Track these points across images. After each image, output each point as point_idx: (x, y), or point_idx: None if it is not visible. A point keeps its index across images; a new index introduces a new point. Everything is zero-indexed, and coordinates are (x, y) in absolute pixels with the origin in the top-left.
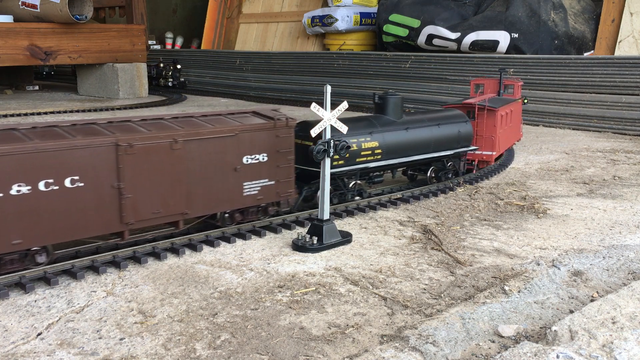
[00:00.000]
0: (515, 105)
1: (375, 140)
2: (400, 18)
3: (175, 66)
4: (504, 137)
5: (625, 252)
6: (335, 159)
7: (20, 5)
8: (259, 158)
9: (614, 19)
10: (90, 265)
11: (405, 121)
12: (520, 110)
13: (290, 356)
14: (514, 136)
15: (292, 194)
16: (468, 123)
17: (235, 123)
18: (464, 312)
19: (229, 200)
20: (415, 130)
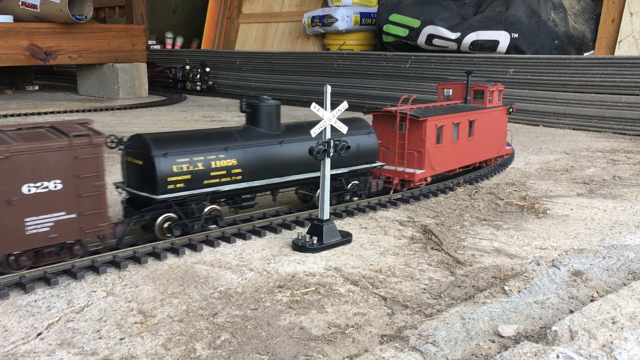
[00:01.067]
0: (487, 114)
1: (232, 157)
2: (400, 18)
3: (204, 68)
4: (449, 153)
5: (625, 252)
6: (178, 181)
7: (20, 5)
8: (49, 186)
9: (614, 19)
10: (90, 265)
11: (282, 134)
12: (504, 120)
13: (290, 356)
14: (487, 151)
15: (104, 229)
16: (372, 135)
17: (9, 142)
18: (464, 312)
19: (4, 241)
20: (294, 144)
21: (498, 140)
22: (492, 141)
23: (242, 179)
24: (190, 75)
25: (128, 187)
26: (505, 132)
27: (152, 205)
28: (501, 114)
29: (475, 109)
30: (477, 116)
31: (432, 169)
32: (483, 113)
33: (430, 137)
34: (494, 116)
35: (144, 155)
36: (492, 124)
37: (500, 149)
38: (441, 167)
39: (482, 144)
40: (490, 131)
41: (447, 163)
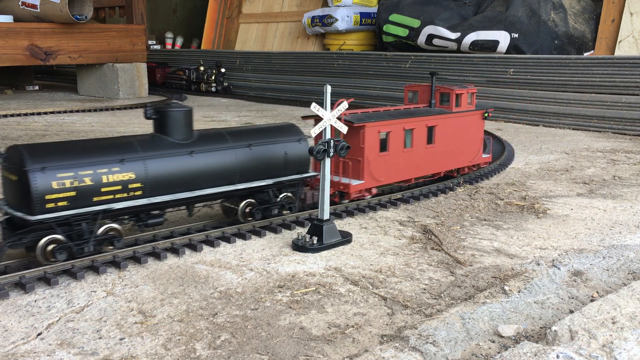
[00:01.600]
0: (453, 119)
1: (129, 170)
2: (400, 18)
3: (219, 69)
4: (400, 163)
5: (625, 252)
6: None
7: (20, 5)
8: None
9: (614, 19)
10: (90, 265)
11: (194, 143)
12: (478, 126)
13: (290, 356)
14: (455, 160)
15: None
16: (303, 142)
17: None
18: (464, 312)
19: None
20: (206, 155)
21: (470, 147)
22: (461, 149)
23: (142, 194)
24: (205, 76)
25: (6, 205)
26: (480, 139)
27: (29, 227)
28: (474, 119)
29: (438, 114)
30: (440, 121)
31: (374, 179)
32: (448, 118)
33: (371, 144)
34: (464, 121)
35: (18, 170)
36: (460, 130)
37: (473, 157)
38: (387, 177)
39: (447, 152)
40: (458, 138)
41: (397, 173)
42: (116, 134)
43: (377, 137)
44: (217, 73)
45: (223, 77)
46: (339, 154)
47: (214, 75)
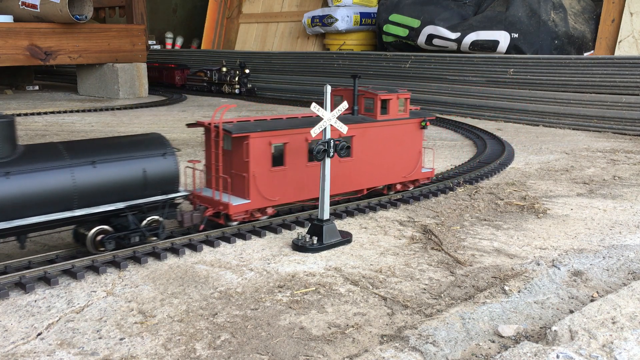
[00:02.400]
0: (379, 129)
1: None
2: (400, 18)
3: (244, 70)
4: (302, 179)
5: (625, 252)
6: None
7: (20, 5)
8: None
9: (614, 19)
10: (90, 265)
11: (14, 161)
12: (414, 137)
13: (290, 356)
14: (382, 176)
15: None
16: (168, 157)
17: None
18: (464, 312)
19: None
20: (28, 176)
21: (404, 161)
22: (391, 163)
23: None
24: (227, 78)
25: None
26: (418, 152)
27: None
28: (408, 129)
29: (358, 122)
30: (359, 131)
31: (263, 198)
32: (370, 127)
33: (259, 157)
34: (394, 131)
35: None
36: (389, 141)
37: (408, 172)
38: (285, 196)
39: (370, 167)
40: (386, 150)
41: (298, 191)
42: (116, 134)
43: (268, 149)
44: (241, 74)
45: (247, 78)
46: (339, 154)
47: (237, 76)
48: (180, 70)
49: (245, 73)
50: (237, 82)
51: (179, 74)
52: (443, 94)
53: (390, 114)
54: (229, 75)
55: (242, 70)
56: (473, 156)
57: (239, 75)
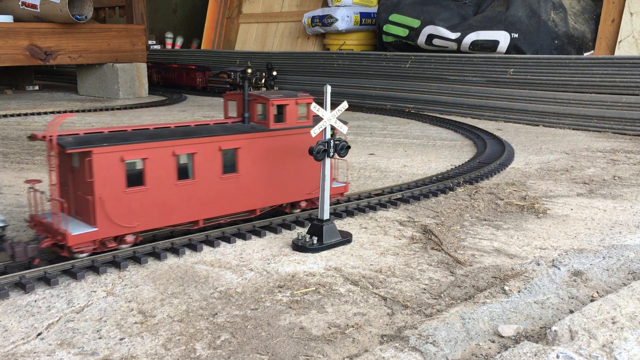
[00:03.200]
0: (272, 139)
1: None
2: (400, 18)
3: (271, 73)
4: (171, 201)
5: (625, 252)
6: None
7: (20, 5)
8: None
9: (614, 19)
10: (90, 265)
11: None
12: None
13: (290, 356)
14: (278, 194)
15: None
16: None
17: None
18: (464, 312)
19: None
20: None
21: (308, 175)
22: (290, 178)
23: None
24: (253, 80)
25: None
26: None
27: None
28: (312, 138)
29: (245, 132)
30: (247, 142)
31: (115, 226)
32: (262, 137)
33: (107, 177)
34: (294, 141)
35: None
36: (288, 153)
37: (315, 187)
38: (145, 221)
39: (263, 183)
40: (285, 164)
41: (164, 215)
42: None
43: (121, 166)
44: (268, 76)
45: (274, 80)
46: (339, 154)
47: (263, 78)
48: (201, 71)
49: (272, 75)
50: (263, 84)
51: (200, 75)
52: (443, 94)
53: (288, 122)
54: (254, 77)
55: (269, 71)
56: (473, 156)
57: (265, 77)
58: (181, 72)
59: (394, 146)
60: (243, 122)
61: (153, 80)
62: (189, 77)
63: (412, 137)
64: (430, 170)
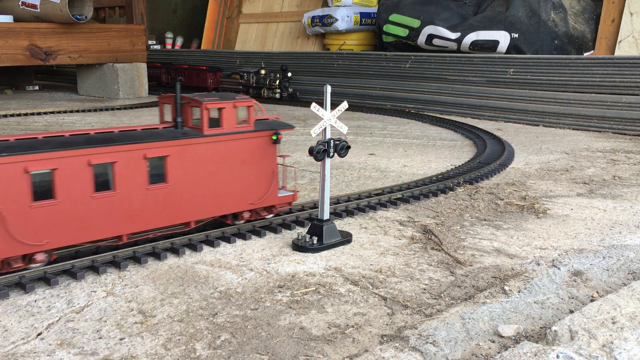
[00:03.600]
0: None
1: None
2: (400, 18)
3: (285, 74)
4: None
5: (625, 252)
6: None
7: (20, 5)
8: None
9: (614, 19)
10: (90, 265)
11: None
12: (263, 154)
13: (290, 356)
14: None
15: None
16: None
17: None
18: (464, 312)
19: None
20: None
21: (249, 185)
22: (228, 188)
23: None
24: (267, 81)
25: None
26: (271, 171)
27: None
28: (254, 144)
29: (176, 138)
30: (177, 150)
31: (19, 244)
32: (194, 144)
33: (9, 190)
34: (232, 148)
35: None
36: (225, 161)
37: (258, 197)
38: (57, 238)
39: (197, 194)
40: (221, 172)
41: (80, 231)
42: None
43: (25, 178)
44: (282, 77)
45: (289, 82)
46: (339, 154)
47: (277, 80)
48: (212, 72)
49: (287, 76)
50: (277, 86)
51: (211, 76)
52: (443, 94)
53: (225, 127)
54: (268, 78)
55: (283, 73)
56: (473, 156)
57: (279, 78)
58: (192, 73)
59: (394, 146)
60: (176, 127)
61: (162, 81)
62: (200, 78)
63: (412, 137)
64: (430, 170)
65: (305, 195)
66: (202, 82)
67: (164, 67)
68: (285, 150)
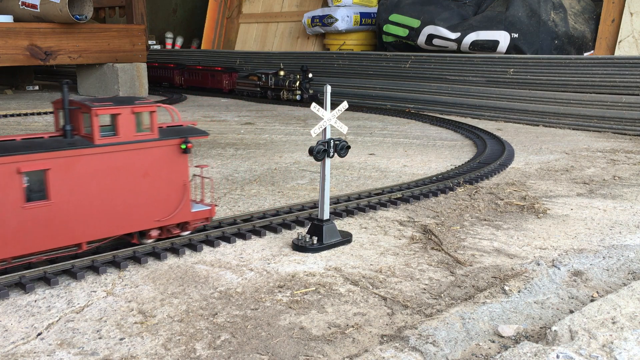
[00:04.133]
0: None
1: None
2: (400, 18)
3: (306, 74)
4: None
5: (625, 252)
6: None
7: (20, 5)
8: None
9: (614, 19)
10: (90, 265)
11: None
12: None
13: (290, 356)
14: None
15: None
16: None
17: None
18: (464, 312)
19: None
20: None
21: (155, 200)
22: (129, 204)
23: None
24: (286, 83)
25: None
26: (182, 185)
27: None
28: (159, 154)
29: (59, 149)
30: (61, 163)
31: None
32: (83, 155)
33: None
34: (132, 159)
35: None
36: (123, 174)
37: (167, 213)
38: None
39: (89, 212)
40: (118, 187)
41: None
42: None
43: None
44: (303, 79)
45: (309, 83)
46: (339, 154)
47: (297, 81)
48: (227, 74)
49: (307, 77)
50: (297, 88)
51: (226, 78)
52: (443, 94)
53: (122, 135)
54: (287, 79)
55: (304, 73)
56: (473, 156)
57: (299, 79)
58: (206, 74)
59: (394, 146)
60: (65, 136)
61: (175, 82)
62: (215, 79)
63: (412, 137)
64: (430, 170)
65: (305, 195)
66: (217, 83)
67: (177, 68)
68: (285, 149)
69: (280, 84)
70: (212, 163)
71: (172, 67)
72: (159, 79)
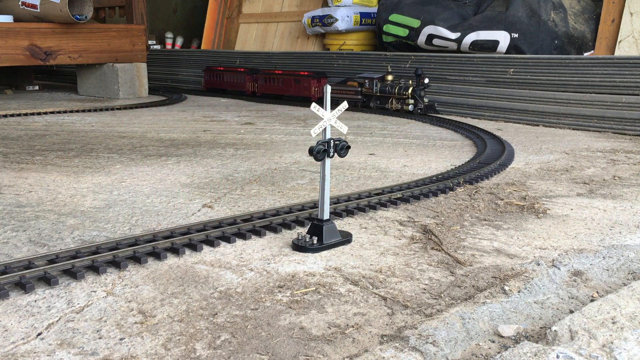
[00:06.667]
0: None
1: None
2: (400, 18)
3: (421, 80)
4: None
5: (625, 252)
6: None
7: (20, 5)
8: None
9: (614, 19)
10: (90, 265)
11: None
12: None
13: (290, 356)
14: None
15: None
16: None
17: None
18: (464, 312)
19: None
20: None
21: None
22: None
23: None
24: (395, 90)
25: None
26: None
27: None
28: None
29: None
30: None
31: None
32: None
33: None
34: None
35: None
36: None
37: None
38: None
39: None
40: None
41: None
42: (116, 134)
43: None
44: (417, 85)
45: (425, 90)
46: (339, 154)
47: (410, 88)
48: (316, 79)
49: (423, 83)
50: (409, 96)
51: (315, 84)
52: (443, 94)
53: None
54: (397, 85)
55: (418, 79)
56: (473, 156)
57: (412, 85)
58: (288, 80)
59: (394, 146)
60: None
61: (247, 90)
62: (300, 86)
63: (412, 137)
64: (430, 170)
65: (305, 195)
66: (303, 90)
67: (249, 73)
68: (285, 149)
69: (387, 91)
70: (212, 163)
71: (242, 72)
72: (221, 85)
